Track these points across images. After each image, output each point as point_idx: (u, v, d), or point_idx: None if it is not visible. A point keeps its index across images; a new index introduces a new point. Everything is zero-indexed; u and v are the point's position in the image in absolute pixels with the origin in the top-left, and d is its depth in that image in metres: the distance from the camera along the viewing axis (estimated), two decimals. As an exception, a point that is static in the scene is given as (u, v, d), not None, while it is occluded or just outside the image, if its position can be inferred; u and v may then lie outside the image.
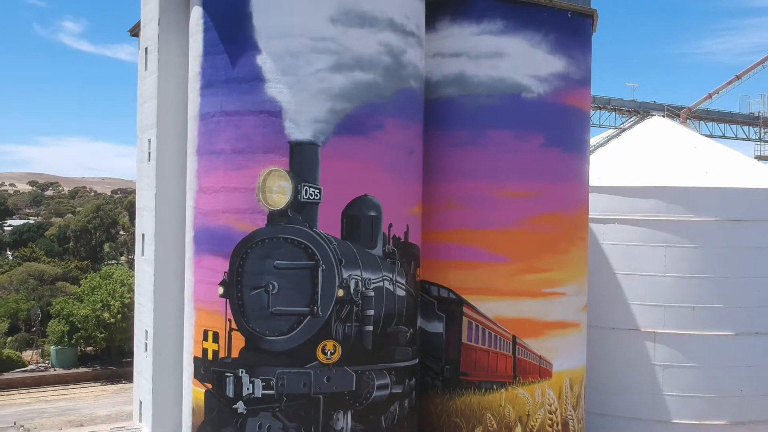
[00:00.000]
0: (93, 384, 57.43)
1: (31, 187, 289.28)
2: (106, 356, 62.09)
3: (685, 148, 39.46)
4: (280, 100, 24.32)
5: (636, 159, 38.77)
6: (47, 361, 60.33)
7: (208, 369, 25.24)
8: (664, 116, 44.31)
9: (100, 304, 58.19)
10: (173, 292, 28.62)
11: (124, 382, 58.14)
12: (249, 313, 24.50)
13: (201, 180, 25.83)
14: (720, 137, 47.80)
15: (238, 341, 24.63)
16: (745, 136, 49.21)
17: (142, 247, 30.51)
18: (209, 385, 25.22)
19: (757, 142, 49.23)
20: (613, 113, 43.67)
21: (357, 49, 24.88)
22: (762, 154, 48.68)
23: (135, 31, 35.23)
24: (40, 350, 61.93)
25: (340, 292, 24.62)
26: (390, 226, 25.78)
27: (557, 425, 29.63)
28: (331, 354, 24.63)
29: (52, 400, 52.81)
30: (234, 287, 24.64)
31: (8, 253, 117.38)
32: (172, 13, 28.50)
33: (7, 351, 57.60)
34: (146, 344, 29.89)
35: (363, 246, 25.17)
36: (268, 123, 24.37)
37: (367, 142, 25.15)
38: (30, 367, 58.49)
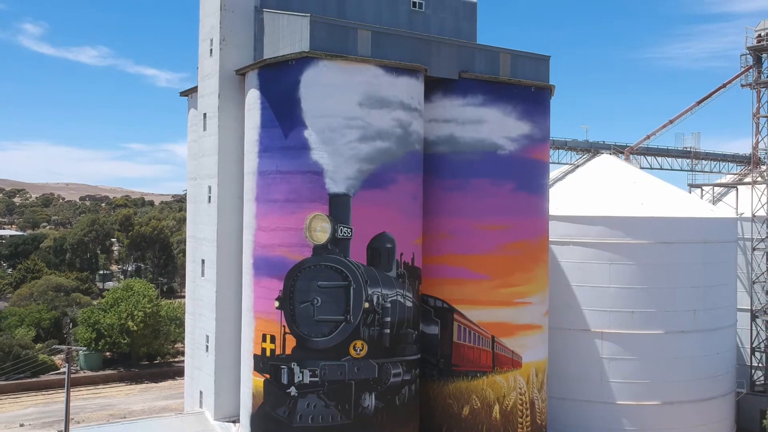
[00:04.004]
0: (120, 384, 64.75)
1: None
2: (126, 360, 69.30)
3: (626, 183, 48.40)
4: (322, 163, 32.67)
5: (587, 192, 47.65)
6: (76, 365, 67.28)
7: (266, 363, 33.44)
8: (611, 153, 53.13)
9: (126, 314, 65.42)
10: (231, 304, 36.71)
11: (147, 382, 65.66)
12: (299, 320, 32.76)
13: (259, 221, 34.06)
14: (658, 169, 56.78)
15: (291, 342, 32.84)
16: (679, 168, 58.17)
17: (203, 269, 38.42)
18: (267, 375, 33.40)
19: (689, 173, 58.14)
20: (569, 151, 52.41)
21: (377, 125, 33.31)
22: (694, 182, 57.45)
23: (187, 93, 43.25)
24: (64, 355, 68.68)
25: (366, 305, 32.97)
26: (401, 254, 34.20)
27: (526, 404, 38.29)
28: (360, 350, 32.97)
29: (88, 398, 60.07)
30: (287, 301, 32.88)
31: (4, 264, 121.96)
32: (229, 89, 36.54)
33: (42, 356, 64.51)
34: (207, 346, 37.86)
35: (382, 270, 33.54)
36: (313, 180, 32.70)
37: (384, 193, 33.53)
38: (62, 369, 65.46)
